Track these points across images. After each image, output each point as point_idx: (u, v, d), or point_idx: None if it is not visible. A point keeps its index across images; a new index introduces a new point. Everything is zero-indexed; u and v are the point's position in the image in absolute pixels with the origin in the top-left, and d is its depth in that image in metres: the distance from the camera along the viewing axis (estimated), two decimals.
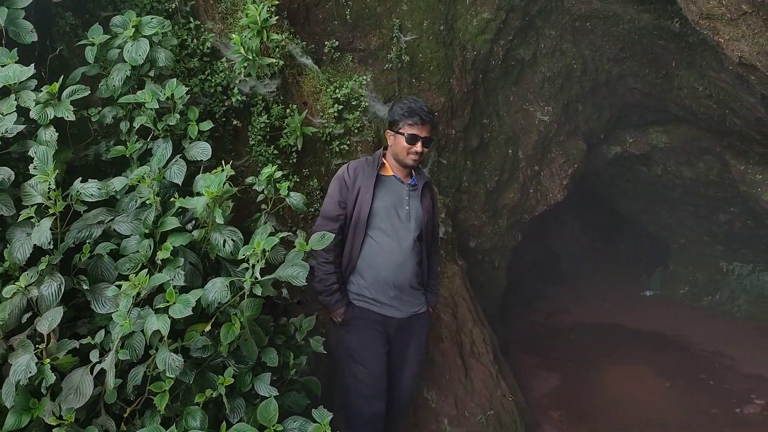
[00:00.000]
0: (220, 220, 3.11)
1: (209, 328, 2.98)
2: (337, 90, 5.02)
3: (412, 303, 4.13)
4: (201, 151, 3.55)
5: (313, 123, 4.82)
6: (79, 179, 3.08)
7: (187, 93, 3.66)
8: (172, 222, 3.13)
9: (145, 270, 2.92)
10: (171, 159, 3.43)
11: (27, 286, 2.78)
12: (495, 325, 6.75)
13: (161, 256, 2.99)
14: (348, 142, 5.04)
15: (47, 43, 3.79)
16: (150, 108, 3.48)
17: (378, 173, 4.05)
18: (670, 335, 9.04)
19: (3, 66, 3.25)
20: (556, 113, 7.74)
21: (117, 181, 3.22)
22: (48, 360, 2.69)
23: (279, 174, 3.65)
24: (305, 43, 5.12)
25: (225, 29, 4.54)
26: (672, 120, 8.46)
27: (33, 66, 3.26)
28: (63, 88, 3.31)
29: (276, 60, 4.47)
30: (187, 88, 3.74)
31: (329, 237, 3.27)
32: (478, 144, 6.91)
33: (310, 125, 4.73)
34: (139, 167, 3.32)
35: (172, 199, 3.22)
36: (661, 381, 7.33)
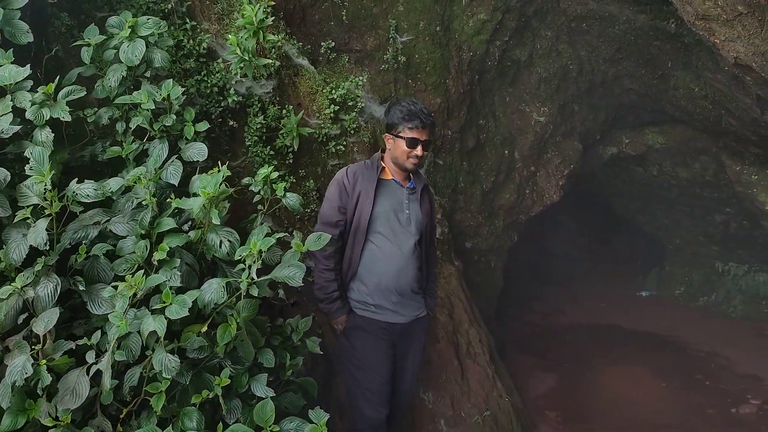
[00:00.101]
0: (216, 220, 3.11)
1: (206, 328, 2.97)
2: (334, 91, 5.02)
3: (413, 307, 4.08)
4: (197, 152, 3.55)
5: (310, 124, 4.82)
6: (75, 180, 3.08)
7: (184, 94, 3.65)
8: (168, 223, 3.13)
9: (142, 271, 2.91)
10: (167, 160, 3.43)
11: (23, 287, 2.78)
12: (491, 326, 6.75)
13: (157, 256, 2.98)
14: (344, 142, 5.04)
15: (43, 44, 3.78)
16: (146, 109, 3.47)
17: (378, 177, 3.98)
18: (666, 335, 9.06)
19: None
20: (552, 114, 7.75)
21: (113, 182, 3.21)
22: (44, 361, 2.68)
23: (275, 175, 3.64)
24: (301, 44, 5.12)
25: (221, 30, 4.54)
26: (668, 121, 8.48)
27: (29, 66, 3.25)
28: (59, 88, 3.31)
29: (272, 61, 4.47)
30: (183, 88, 3.74)
31: (325, 238, 3.24)
32: (474, 145, 6.92)
33: (306, 126, 4.73)
34: (136, 168, 3.32)
35: (168, 200, 3.21)
36: (657, 381, 7.35)
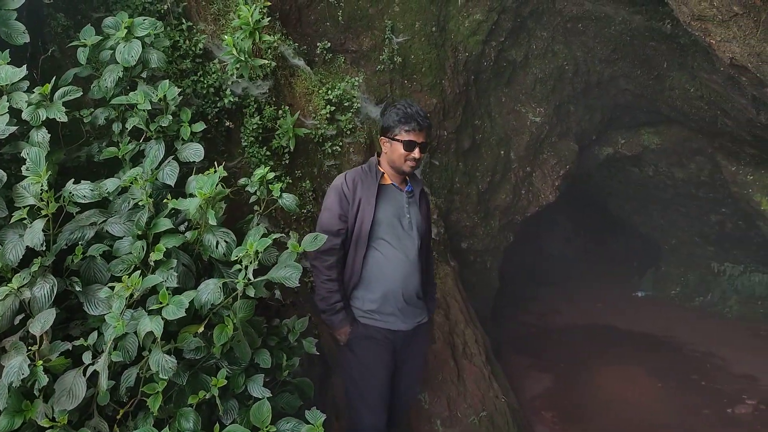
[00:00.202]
0: (212, 221, 3.10)
1: (202, 329, 2.97)
2: (330, 91, 5.02)
3: (416, 313, 4.02)
4: (193, 153, 3.54)
5: (306, 124, 4.82)
6: (72, 180, 3.07)
7: (180, 94, 3.64)
8: (164, 223, 3.12)
9: (138, 271, 2.91)
10: (163, 160, 3.42)
11: (19, 287, 2.77)
12: (487, 326, 6.76)
13: (154, 257, 2.98)
14: (340, 143, 5.05)
15: (39, 44, 3.77)
16: (142, 109, 3.46)
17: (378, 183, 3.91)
18: (661, 336, 9.08)
19: None
20: (547, 114, 7.76)
21: (110, 183, 3.20)
22: (41, 362, 2.68)
23: (271, 175, 3.62)
24: (297, 45, 5.12)
25: (217, 30, 4.53)
26: (663, 121, 8.51)
27: (25, 67, 3.24)
28: (55, 89, 3.29)
29: (268, 61, 4.47)
30: (180, 89, 3.73)
31: (321, 238, 3.21)
32: (470, 145, 6.92)
33: (302, 126, 4.73)
34: (132, 168, 3.31)
35: (164, 201, 3.21)
36: (653, 381, 7.36)
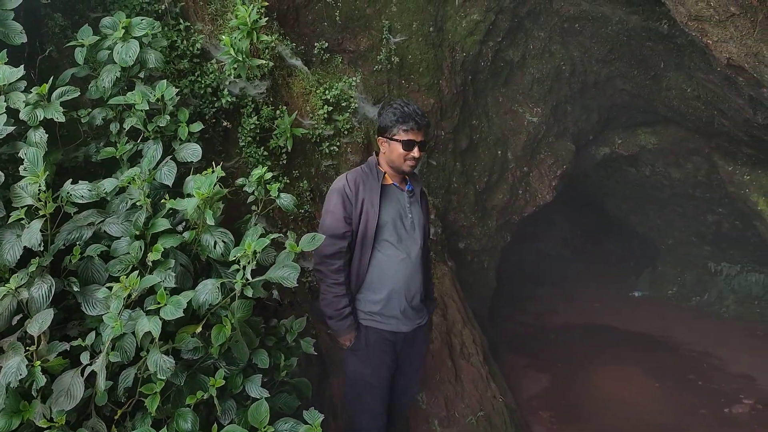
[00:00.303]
0: (210, 221, 3.10)
1: (200, 329, 2.97)
2: (327, 91, 5.02)
3: (417, 315, 3.96)
4: (191, 153, 3.54)
5: (303, 124, 4.82)
6: (70, 181, 3.07)
7: (177, 94, 3.64)
8: (162, 223, 3.12)
9: (136, 272, 2.91)
10: (161, 160, 3.42)
11: (17, 288, 2.77)
12: (484, 326, 6.77)
13: (152, 257, 2.98)
14: (338, 143, 5.05)
15: (37, 45, 3.78)
16: (140, 109, 3.47)
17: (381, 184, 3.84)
18: (658, 336, 9.09)
19: None
20: (545, 114, 7.77)
21: (107, 183, 3.21)
22: (38, 362, 2.68)
23: (269, 175, 3.62)
24: (295, 45, 5.12)
25: (215, 31, 4.53)
26: (660, 121, 8.51)
27: (22, 67, 3.25)
28: (53, 89, 3.30)
29: (266, 61, 4.47)
30: (177, 89, 3.73)
31: (320, 238, 3.21)
32: (467, 145, 6.93)
33: (299, 127, 4.73)
34: (130, 169, 3.32)
35: (162, 201, 3.21)
36: (650, 381, 7.37)
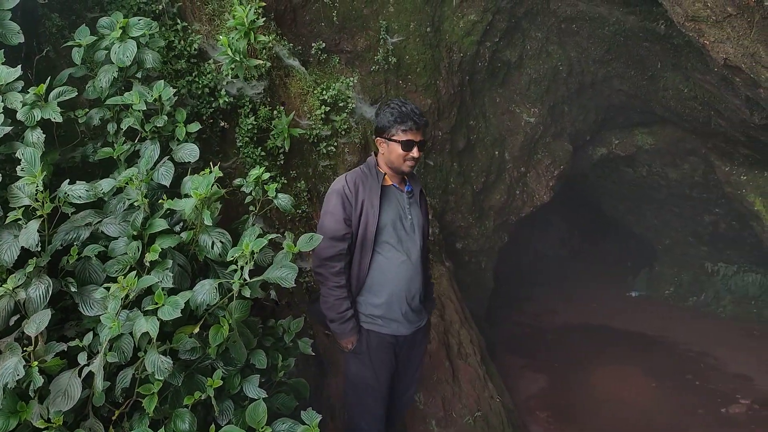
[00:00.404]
0: (208, 221, 3.10)
1: (198, 330, 2.96)
2: (324, 91, 5.02)
3: (417, 317, 3.93)
4: (189, 153, 3.53)
5: (301, 124, 4.82)
6: (67, 181, 3.07)
7: (175, 95, 3.63)
8: (160, 224, 3.12)
9: (134, 272, 2.90)
10: (159, 161, 3.42)
11: (14, 288, 2.76)
12: (481, 327, 6.77)
13: (149, 258, 2.97)
14: (335, 143, 5.04)
15: (34, 45, 3.76)
16: (137, 110, 3.46)
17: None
18: (655, 336, 9.10)
19: None
20: (542, 115, 7.77)
21: (105, 183, 3.20)
22: (36, 363, 2.67)
23: (267, 176, 3.61)
24: (292, 45, 5.12)
25: (212, 31, 4.53)
26: (657, 121, 8.53)
27: (20, 67, 3.23)
28: (50, 89, 3.29)
29: (263, 62, 4.47)
30: (175, 89, 3.72)
31: (318, 239, 3.20)
32: (464, 145, 6.93)
33: (297, 127, 4.72)
34: (127, 169, 3.31)
35: (160, 201, 3.20)
36: (648, 381, 7.38)
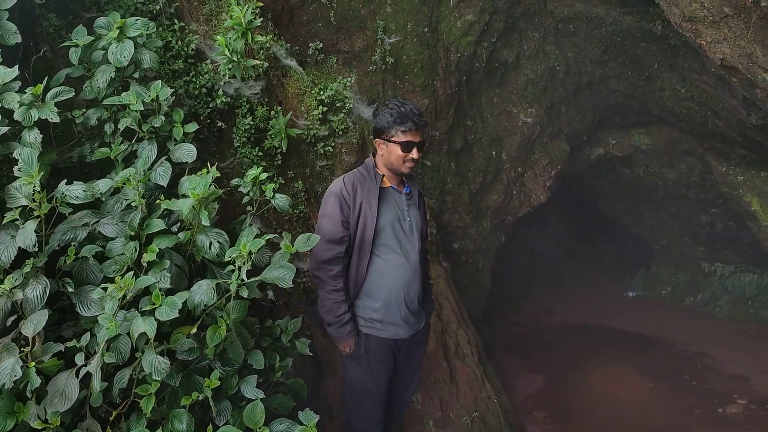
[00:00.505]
0: (205, 222, 3.10)
1: (195, 330, 2.96)
2: (322, 92, 5.02)
3: (416, 320, 3.90)
4: (186, 153, 3.53)
5: (298, 125, 4.82)
6: (64, 181, 3.06)
7: (172, 95, 3.62)
8: (157, 224, 3.12)
9: (131, 272, 2.90)
10: (156, 161, 3.42)
11: (12, 288, 2.76)
12: (479, 327, 6.77)
13: (147, 258, 2.97)
14: (332, 144, 5.04)
15: (31, 45, 3.75)
16: (135, 110, 3.45)
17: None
18: (653, 336, 9.10)
19: None
20: (539, 115, 7.78)
21: (102, 183, 3.20)
22: (33, 363, 2.67)
23: (264, 176, 3.61)
24: (289, 45, 5.11)
25: (209, 31, 4.52)
26: (654, 122, 8.54)
27: (17, 67, 3.23)
28: (47, 89, 3.28)
29: (260, 62, 4.47)
30: (172, 89, 3.71)
31: (315, 239, 3.20)
32: (461, 146, 6.93)
33: (294, 127, 4.72)
34: (124, 169, 3.30)
35: (157, 201, 3.20)
36: (645, 381, 7.38)
